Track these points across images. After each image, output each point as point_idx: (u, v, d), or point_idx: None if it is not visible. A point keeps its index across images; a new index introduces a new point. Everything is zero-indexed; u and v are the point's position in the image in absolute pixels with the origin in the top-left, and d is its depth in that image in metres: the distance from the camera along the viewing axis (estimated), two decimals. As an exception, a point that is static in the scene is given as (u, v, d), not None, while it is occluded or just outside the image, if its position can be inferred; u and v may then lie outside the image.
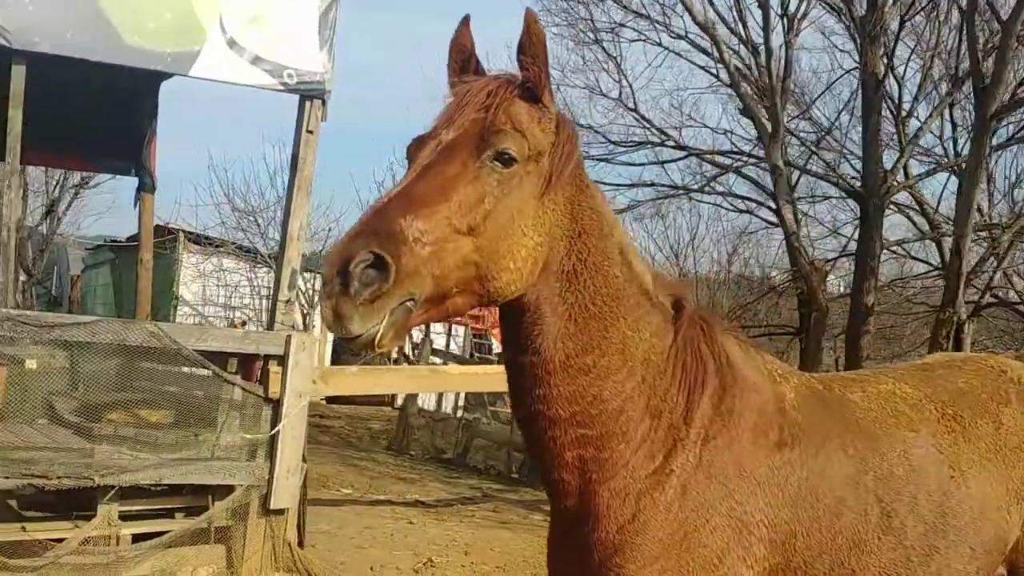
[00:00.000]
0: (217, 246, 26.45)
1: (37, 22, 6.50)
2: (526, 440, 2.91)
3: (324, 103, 7.49)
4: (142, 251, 10.49)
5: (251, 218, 27.27)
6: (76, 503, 7.25)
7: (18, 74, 6.56)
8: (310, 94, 7.43)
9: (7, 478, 6.55)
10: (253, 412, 7.50)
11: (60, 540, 6.92)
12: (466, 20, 2.76)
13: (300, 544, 7.84)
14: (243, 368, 7.55)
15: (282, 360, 7.37)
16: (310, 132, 7.47)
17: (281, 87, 7.32)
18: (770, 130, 15.52)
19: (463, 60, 2.75)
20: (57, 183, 23.26)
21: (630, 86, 18.04)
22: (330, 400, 20.07)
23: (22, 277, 24.31)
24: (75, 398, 7.57)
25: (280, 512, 7.50)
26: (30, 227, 22.91)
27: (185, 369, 7.74)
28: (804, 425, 3.06)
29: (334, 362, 21.45)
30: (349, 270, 2.22)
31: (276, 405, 7.41)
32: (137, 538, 7.22)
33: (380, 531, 9.21)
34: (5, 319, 6.47)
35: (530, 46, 2.58)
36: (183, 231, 25.74)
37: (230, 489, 7.40)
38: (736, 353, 3.10)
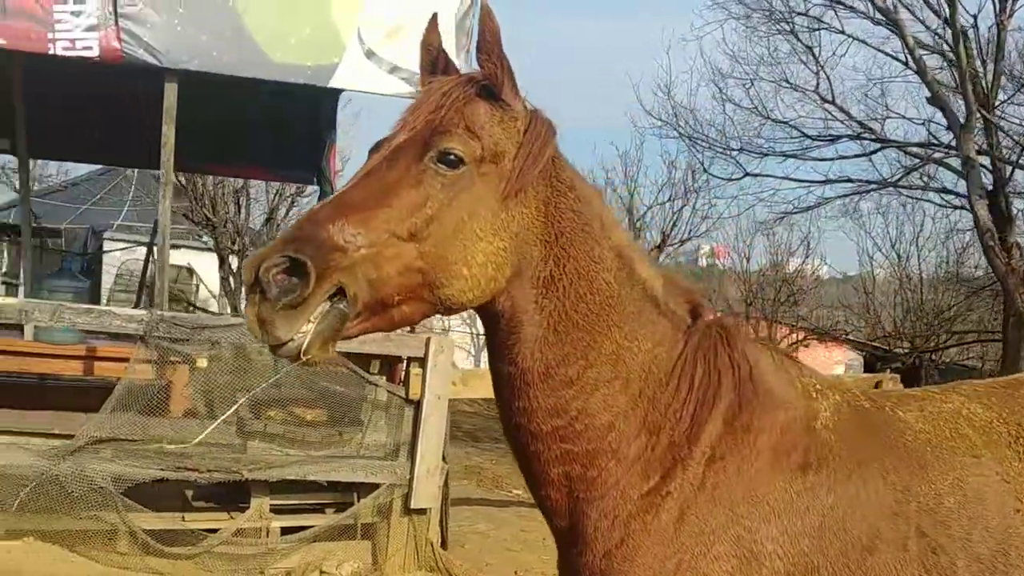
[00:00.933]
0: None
1: (185, 42, 6.93)
2: (513, 454, 2.78)
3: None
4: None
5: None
6: (237, 496, 7.67)
7: (170, 91, 7.00)
8: (449, 101, 7.51)
9: (162, 470, 6.99)
10: (397, 413, 7.68)
11: (215, 530, 7.34)
12: (433, 19, 2.69)
13: (443, 544, 7.95)
14: (388, 369, 7.75)
15: (422, 362, 7.51)
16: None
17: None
18: (962, 120, 14.29)
19: (432, 60, 2.66)
20: (276, 192, 24.73)
21: (828, 78, 17.16)
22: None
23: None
24: (240, 395, 7.99)
25: (422, 512, 7.63)
26: (253, 231, 24.51)
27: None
28: (837, 447, 2.75)
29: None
30: (260, 276, 2.16)
31: (418, 406, 7.55)
32: (286, 531, 7.55)
33: (535, 535, 9.19)
34: (160, 320, 6.93)
35: (483, 42, 2.46)
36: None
37: (375, 487, 7.61)
38: (764, 365, 2.83)
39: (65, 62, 6.95)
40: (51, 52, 6.61)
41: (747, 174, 18.69)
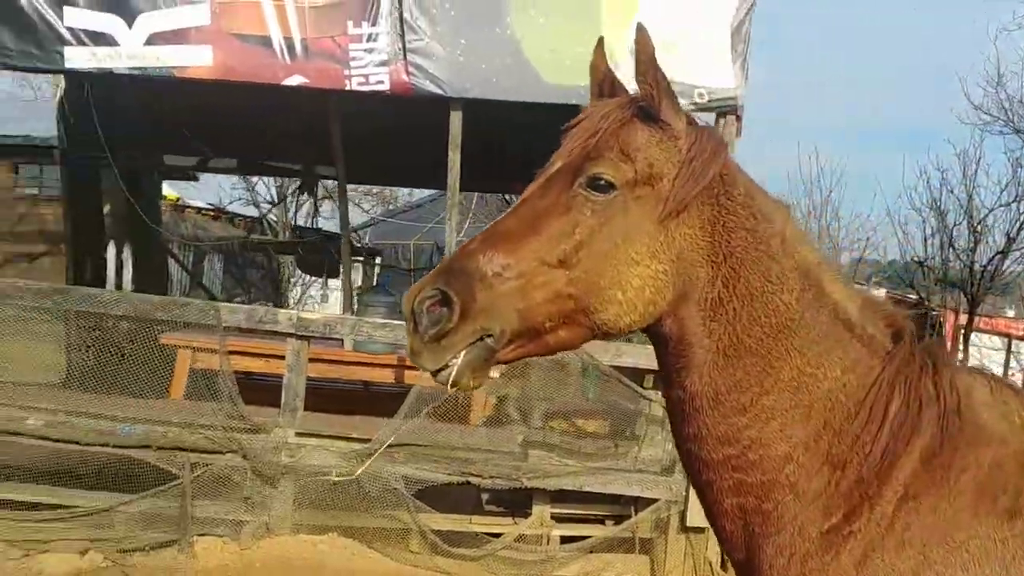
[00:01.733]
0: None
1: (468, 71, 7.32)
2: (689, 480, 2.70)
3: (738, 119, 7.41)
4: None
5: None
6: (525, 502, 7.98)
7: (455, 119, 7.43)
8: (723, 110, 7.39)
9: (448, 474, 7.42)
10: (674, 428, 7.61)
11: (499, 535, 7.67)
12: (599, 42, 2.68)
13: (723, 565, 7.78)
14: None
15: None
16: (724, 149, 7.41)
17: (692, 107, 7.37)
18: None
19: (599, 83, 2.65)
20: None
21: None
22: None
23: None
24: (539, 404, 8.30)
25: (699, 530, 7.52)
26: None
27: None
28: None
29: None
30: (414, 308, 2.27)
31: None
32: (565, 540, 7.74)
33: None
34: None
35: (639, 63, 2.43)
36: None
37: (653, 501, 7.61)
38: (978, 396, 2.54)
39: (369, 96, 7.60)
40: (347, 88, 7.26)
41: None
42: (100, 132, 10.60)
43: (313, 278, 20.68)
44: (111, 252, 11.62)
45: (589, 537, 7.68)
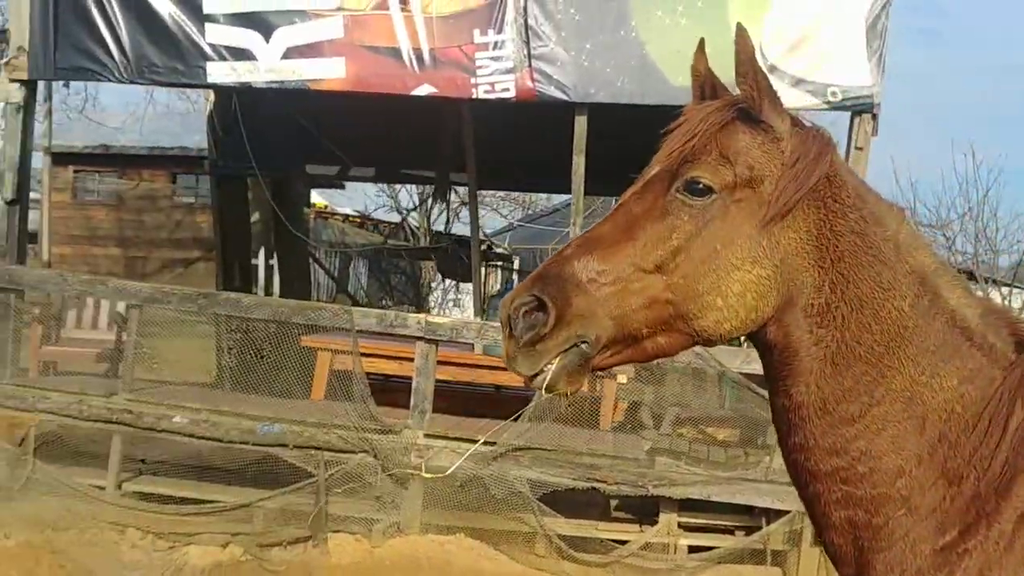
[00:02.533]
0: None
1: (593, 76, 7.32)
2: (798, 493, 2.62)
3: (874, 117, 7.15)
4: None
5: (939, 232, 26.10)
6: (654, 510, 7.91)
7: (580, 124, 7.43)
8: (858, 109, 7.15)
9: (573, 479, 7.42)
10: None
11: (625, 542, 7.62)
12: (700, 44, 2.63)
13: (859, 578, 7.49)
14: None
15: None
16: (859, 149, 7.19)
17: (825, 106, 7.17)
18: None
19: (699, 85, 2.61)
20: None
21: None
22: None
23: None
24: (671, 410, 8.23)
25: (833, 543, 7.25)
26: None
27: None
28: None
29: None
30: (511, 314, 2.27)
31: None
32: (693, 549, 7.62)
33: None
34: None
35: (739, 63, 2.37)
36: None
37: (785, 513, 7.41)
38: None
39: (499, 104, 7.70)
40: (474, 96, 7.36)
41: None
42: (247, 142, 11.08)
43: (453, 282, 21.05)
44: (260, 259, 12.11)
45: (718, 547, 7.54)
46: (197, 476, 7.88)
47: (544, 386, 2.31)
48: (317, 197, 26.40)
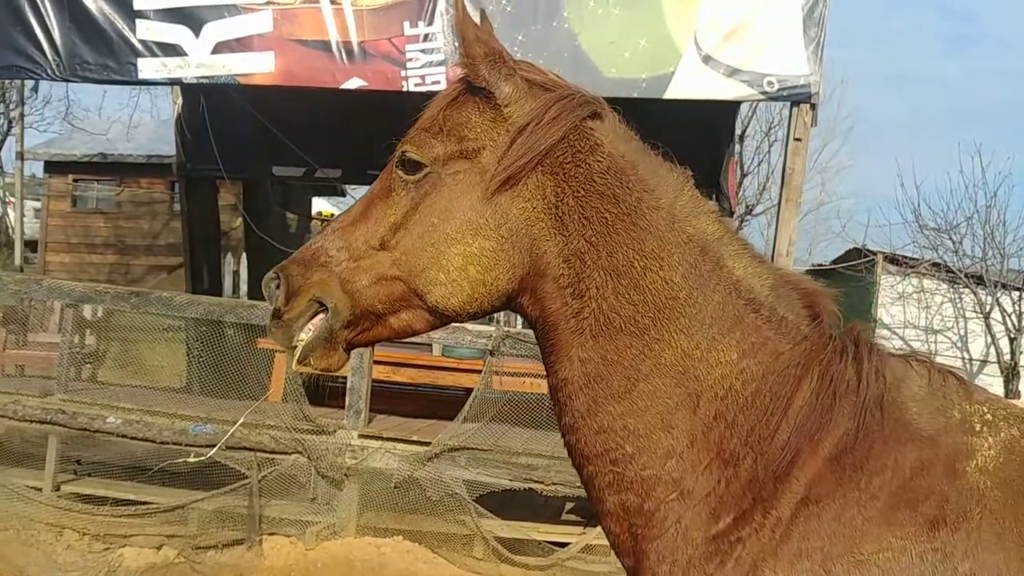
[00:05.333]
0: (911, 266, 25.41)
1: (521, 66, 7.15)
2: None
3: (813, 107, 6.96)
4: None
5: (945, 235, 25.74)
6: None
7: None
8: (796, 99, 6.97)
9: (510, 480, 7.27)
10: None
11: (566, 544, 7.45)
12: (458, 3, 2.53)
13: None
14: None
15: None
16: (798, 140, 7.01)
17: (761, 96, 7.01)
18: None
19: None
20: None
21: None
22: None
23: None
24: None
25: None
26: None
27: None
28: (991, 497, 2.01)
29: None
30: (263, 290, 2.35)
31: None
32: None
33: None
34: (505, 337, 7.22)
35: (456, 31, 2.30)
36: (882, 252, 25.21)
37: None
38: (910, 389, 2.17)
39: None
40: (404, 89, 7.24)
41: None
42: (214, 145, 11.03)
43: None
44: (227, 263, 12.07)
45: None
46: (132, 477, 7.80)
47: (296, 359, 2.33)
48: (326, 205, 26.43)
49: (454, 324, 7.77)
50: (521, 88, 2.28)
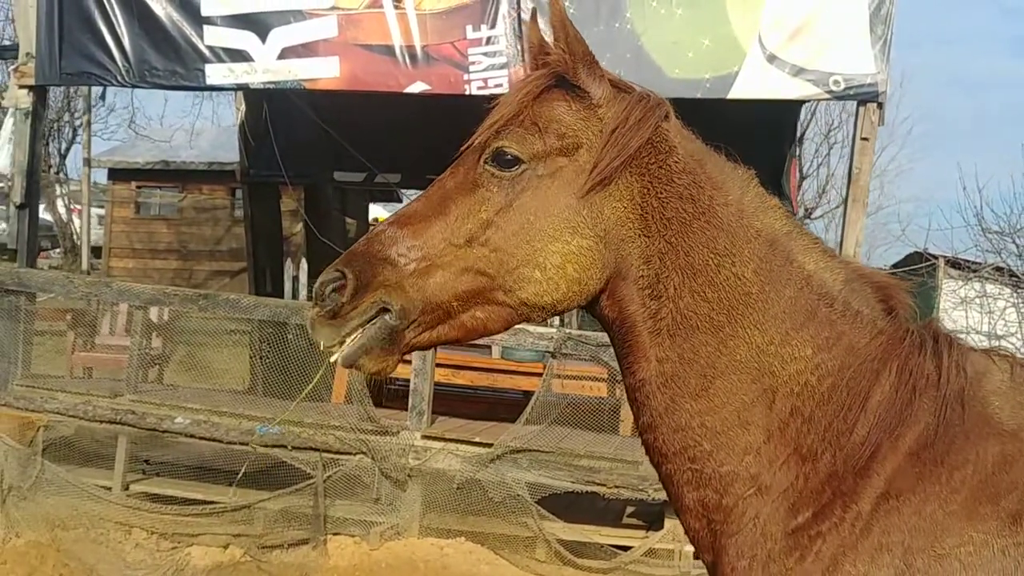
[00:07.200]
0: (973, 271, 24.90)
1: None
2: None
3: (880, 106, 6.87)
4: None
5: (1009, 239, 25.19)
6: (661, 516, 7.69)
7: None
8: (862, 98, 6.88)
9: (572, 482, 7.24)
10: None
11: (628, 548, 7.41)
12: (532, 14, 2.59)
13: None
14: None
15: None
16: (865, 139, 6.91)
17: (827, 95, 6.94)
18: None
19: (534, 57, 2.51)
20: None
21: None
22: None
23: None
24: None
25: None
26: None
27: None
28: None
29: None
30: (316, 290, 2.22)
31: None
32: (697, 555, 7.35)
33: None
34: (567, 338, 7.21)
35: (553, 30, 2.29)
36: (943, 256, 24.76)
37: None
38: (992, 383, 2.15)
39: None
40: (467, 92, 7.27)
41: None
42: (277, 150, 11.18)
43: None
44: (287, 268, 12.19)
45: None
46: (199, 477, 7.91)
47: (341, 359, 2.24)
48: (381, 211, 26.60)
49: (520, 327, 7.80)
50: (610, 89, 2.30)
